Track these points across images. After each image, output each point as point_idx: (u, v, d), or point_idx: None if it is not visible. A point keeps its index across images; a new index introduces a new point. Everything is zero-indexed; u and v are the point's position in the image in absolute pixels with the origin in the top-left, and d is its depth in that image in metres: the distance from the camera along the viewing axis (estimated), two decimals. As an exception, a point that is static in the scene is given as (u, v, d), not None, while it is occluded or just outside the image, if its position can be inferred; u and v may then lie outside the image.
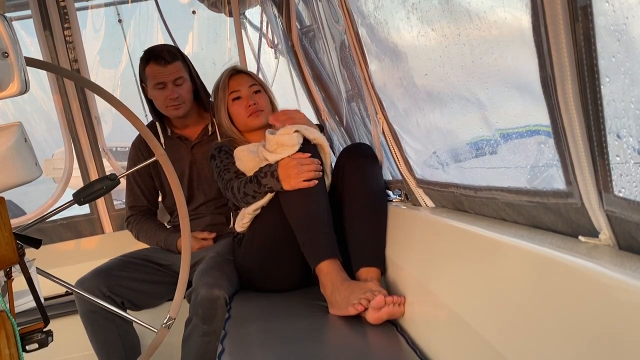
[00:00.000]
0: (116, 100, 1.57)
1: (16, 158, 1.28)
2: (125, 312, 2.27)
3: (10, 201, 2.42)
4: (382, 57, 1.63)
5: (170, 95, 2.34)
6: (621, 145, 0.75)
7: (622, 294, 0.73)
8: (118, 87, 3.45)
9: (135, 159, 2.50)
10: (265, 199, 1.92)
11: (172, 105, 2.36)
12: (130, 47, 3.33)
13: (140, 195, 2.52)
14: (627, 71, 0.70)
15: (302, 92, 2.85)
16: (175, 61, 2.35)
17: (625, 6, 0.66)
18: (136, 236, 2.53)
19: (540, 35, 0.81)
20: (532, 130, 1.00)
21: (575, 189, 0.88)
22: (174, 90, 2.34)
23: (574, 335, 0.81)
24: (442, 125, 1.42)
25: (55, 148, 3.60)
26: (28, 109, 3.47)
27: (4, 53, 1.17)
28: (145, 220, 2.51)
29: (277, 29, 2.84)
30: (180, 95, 2.35)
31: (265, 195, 1.90)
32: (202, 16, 3.28)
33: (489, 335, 1.06)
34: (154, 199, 2.56)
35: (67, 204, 1.60)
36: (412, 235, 1.70)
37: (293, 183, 1.80)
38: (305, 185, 1.80)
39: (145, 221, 2.51)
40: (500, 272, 1.08)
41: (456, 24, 1.06)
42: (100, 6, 3.28)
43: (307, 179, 1.80)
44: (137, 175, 2.51)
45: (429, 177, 1.65)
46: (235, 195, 1.97)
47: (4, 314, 1.22)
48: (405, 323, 1.60)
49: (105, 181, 1.59)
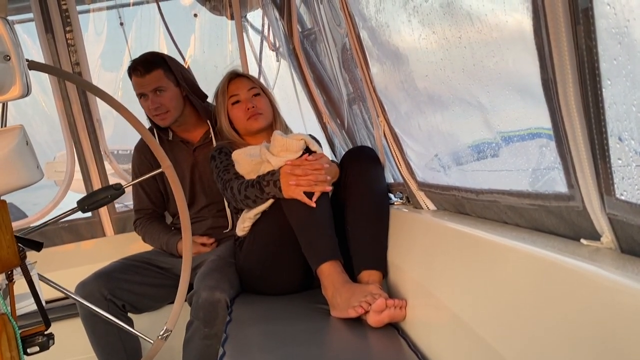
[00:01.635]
0: (117, 103, 1.58)
1: (18, 161, 1.28)
2: (126, 315, 2.28)
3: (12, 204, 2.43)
4: (384, 60, 1.63)
5: (150, 106, 2.34)
6: (623, 148, 0.75)
7: (624, 297, 0.72)
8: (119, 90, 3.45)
9: (139, 163, 2.50)
10: (266, 204, 1.92)
11: (156, 114, 2.36)
12: (132, 50, 3.33)
13: (145, 199, 2.52)
14: (628, 74, 0.70)
15: (303, 95, 2.85)
16: (153, 70, 2.33)
17: (627, 9, 0.66)
18: (143, 239, 2.54)
19: (541, 38, 0.81)
20: (534, 133, 1.00)
21: (577, 192, 0.88)
22: (154, 100, 2.34)
23: (576, 339, 0.80)
24: (444, 128, 1.42)
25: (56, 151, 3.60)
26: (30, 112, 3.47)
27: (5, 56, 1.18)
28: (151, 224, 2.51)
29: (278, 31, 2.84)
30: (161, 105, 2.34)
31: (266, 201, 1.91)
32: (203, 19, 3.28)
33: (490, 338, 1.06)
34: (159, 201, 2.55)
35: (71, 210, 1.60)
36: (413, 238, 1.69)
37: (293, 193, 1.81)
38: (304, 200, 1.80)
39: (150, 224, 2.51)
40: (501, 275, 1.08)
41: (457, 27, 1.06)
42: (102, 9, 3.29)
43: (306, 190, 1.81)
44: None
45: (430, 180, 1.65)
46: (235, 196, 1.97)
47: (6, 316, 1.22)
48: (406, 326, 1.60)
49: (110, 190, 1.59)
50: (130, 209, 3.09)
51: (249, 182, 1.94)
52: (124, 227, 3.10)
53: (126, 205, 3.19)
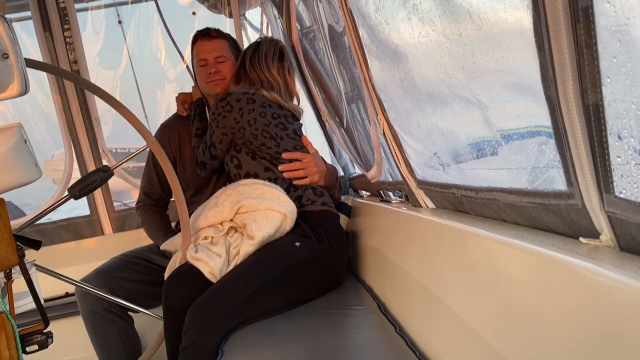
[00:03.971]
0: (115, 101, 1.58)
1: (16, 159, 1.28)
2: (126, 312, 2.28)
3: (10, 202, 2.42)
4: (383, 58, 1.63)
5: (211, 70, 2.34)
6: (622, 146, 0.75)
7: (623, 295, 0.72)
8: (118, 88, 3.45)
9: (161, 141, 2.48)
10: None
11: (212, 80, 2.35)
12: (130, 48, 3.34)
13: (156, 182, 2.50)
14: (628, 72, 0.70)
15: (302, 93, 2.85)
16: (222, 38, 2.37)
17: (627, 7, 0.66)
18: (140, 224, 2.54)
19: (541, 36, 0.81)
20: (533, 131, 1.00)
21: (576, 190, 0.88)
22: (215, 66, 2.35)
23: (575, 337, 0.80)
24: (443, 126, 1.42)
25: (55, 149, 3.60)
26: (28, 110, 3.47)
27: (4, 54, 1.17)
28: (153, 214, 2.49)
29: (277, 30, 2.84)
30: (221, 71, 2.35)
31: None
32: (202, 17, 3.28)
33: (489, 336, 1.06)
34: (169, 188, 2.53)
35: (63, 199, 1.60)
36: (412, 237, 1.69)
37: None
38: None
39: (152, 214, 2.49)
40: (500, 274, 1.08)
41: (457, 25, 1.06)
42: (100, 7, 3.28)
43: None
44: (157, 162, 2.48)
45: (429, 178, 1.64)
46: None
47: (4, 315, 1.22)
48: (405, 324, 1.60)
49: (99, 173, 1.59)
50: (129, 208, 3.09)
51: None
52: (122, 225, 3.10)
53: (125, 204, 3.19)
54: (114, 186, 3.11)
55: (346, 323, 1.67)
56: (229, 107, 2.11)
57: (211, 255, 1.83)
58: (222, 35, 2.38)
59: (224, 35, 2.39)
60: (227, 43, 2.38)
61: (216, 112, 2.14)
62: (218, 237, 1.91)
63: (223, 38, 2.37)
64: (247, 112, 2.10)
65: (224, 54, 2.35)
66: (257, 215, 1.89)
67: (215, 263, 1.82)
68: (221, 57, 2.34)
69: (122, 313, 2.25)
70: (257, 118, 2.10)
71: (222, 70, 2.33)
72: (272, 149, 2.11)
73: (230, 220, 1.93)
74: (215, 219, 1.93)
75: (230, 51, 2.38)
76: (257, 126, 2.10)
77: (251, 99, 2.13)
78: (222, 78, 2.33)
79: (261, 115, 2.11)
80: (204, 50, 2.35)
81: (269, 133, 2.12)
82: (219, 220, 1.94)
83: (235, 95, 2.14)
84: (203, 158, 2.22)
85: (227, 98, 2.14)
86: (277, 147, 2.11)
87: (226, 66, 2.34)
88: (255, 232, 1.86)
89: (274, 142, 2.11)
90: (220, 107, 2.13)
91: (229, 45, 2.38)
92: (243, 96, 2.13)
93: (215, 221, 1.93)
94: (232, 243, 1.91)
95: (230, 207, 1.93)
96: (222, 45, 2.36)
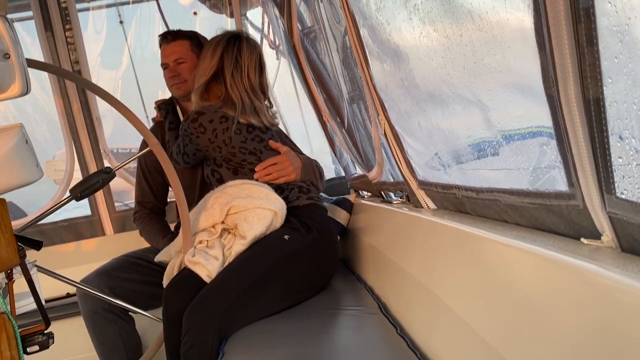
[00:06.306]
0: (116, 101, 1.58)
1: (17, 160, 1.28)
2: (127, 313, 2.28)
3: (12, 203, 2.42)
4: (384, 59, 1.63)
5: (169, 74, 2.33)
6: (623, 146, 0.75)
7: (624, 296, 0.72)
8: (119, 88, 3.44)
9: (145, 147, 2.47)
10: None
11: (173, 84, 2.34)
12: (132, 48, 3.33)
13: (148, 191, 2.50)
14: (629, 72, 0.70)
15: (303, 93, 2.85)
16: (180, 40, 2.33)
17: (628, 7, 0.66)
18: (140, 233, 2.53)
19: (542, 36, 0.81)
20: (534, 132, 1.00)
21: (577, 190, 0.88)
22: (173, 69, 2.32)
23: (577, 338, 0.80)
24: (444, 126, 1.42)
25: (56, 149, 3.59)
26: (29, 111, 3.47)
27: (5, 54, 1.17)
28: (150, 221, 2.50)
29: (278, 30, 2.84)
30: (179, 74, 2.31)
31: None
32: (203, 17, 3.28)
33: (490, 337, 1.06)
34: (162, 196, 2.53)
35: (64, 200, 1.60)
36: (413, 237, 1.69)
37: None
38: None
39: (149, 221, 2.49)
40: (502, 274, 1.08)
41: (458, 25, 1.06)
42: (102, 7, 3.28)
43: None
44: (146, 171, 2.47)
45: (430, 179, 1.64)
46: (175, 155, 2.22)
47: (5, 315, 1.22)
48: (406, 325, 1.59)
49: (100, 175, 1.59)
50: (130, 208, 3.09)
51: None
52: (123, 226, 3.10)
53: (126, 205, 3.19)
54: (115, 186, 3.12)
55: (347, 324, 1.67)
56: (201, 129, 2.05)
57: (209, 259, 1.83)
58: (182, 35, 2.34)
59: (184, 35, 2.34)
60: (187, 43, 2.33)
61: (188, 131, 2.07)
62: (213, 240, 1.91)
63: (183, 38, 2.33)
64: (221, 132, 2.04)
65: (182, 56, 2.31)
66: (248, 214, 1.89)
67: (212, 266, 1.82)
68: (180, 59, 2.31)
69: (123, 313, 2.25)
70: (232, 137, 2.05)
71: (181, 73, 2.30)
72: (254, 163, 2.08)
73: (222, 222, 1.93)
74: (206, 223, 1.93)
75: (192, 51, 2.33)
76: (234, 144, 2.06)
77: (224, 117, 2.05)
78: (182, 81, 2.31)
79: (236, 133, 2.05)
80: (164, 54, 2.33)
81: (247, 149, 2.08)
82: (210, 224, 1.93)
83: (208, 116, 2.05)
84: (177, 158, 2.20)
85: (200, 119, 2.05)
86: (259, 161, 2.09)
87: (185, 68, 2.31)
88: (246, 231, 1.87)
89: (254, 157, 2.09)
90: (192, 127, 2.05)
91: (190, 44, 2.33)
92: (215, 115, 2.05)
93: (207, 225, 1.93)
94: (225, 245, 1.91)
95: (220, 209, 1.92)
96: (181, 47, 2.32)
